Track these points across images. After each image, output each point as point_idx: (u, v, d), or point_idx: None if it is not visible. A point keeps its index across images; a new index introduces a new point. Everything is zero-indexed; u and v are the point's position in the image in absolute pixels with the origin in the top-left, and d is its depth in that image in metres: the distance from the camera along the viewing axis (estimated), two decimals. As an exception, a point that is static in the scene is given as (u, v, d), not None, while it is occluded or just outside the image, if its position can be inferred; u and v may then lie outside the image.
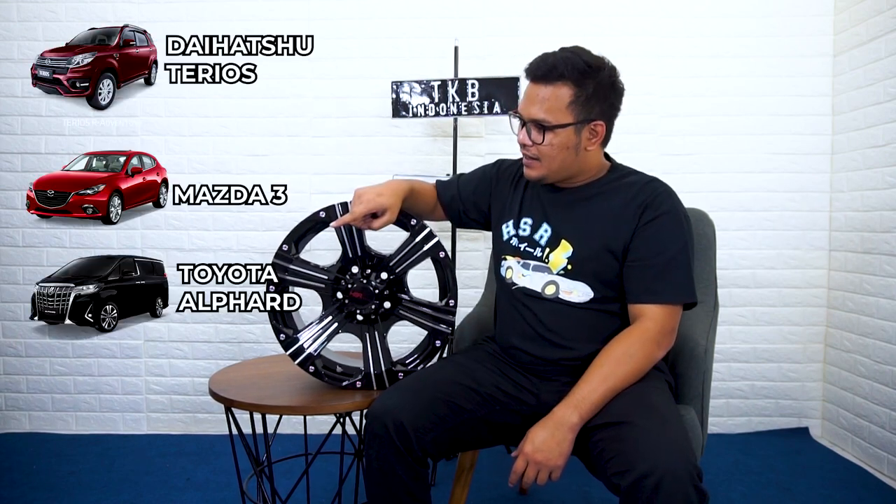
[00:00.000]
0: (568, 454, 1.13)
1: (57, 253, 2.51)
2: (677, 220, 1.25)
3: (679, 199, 1.29)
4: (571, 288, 1.28)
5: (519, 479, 1.15)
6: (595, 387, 1.14)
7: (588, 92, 1.24)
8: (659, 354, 1.21)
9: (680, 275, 1.22)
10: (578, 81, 1.23)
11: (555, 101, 1.23)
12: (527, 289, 1.32)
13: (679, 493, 0.95)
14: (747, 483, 2.05)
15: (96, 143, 2.49)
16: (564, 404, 1.14)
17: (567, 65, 1.22)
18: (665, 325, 1.20)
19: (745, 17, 2.44)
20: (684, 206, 1.30)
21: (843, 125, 2.39)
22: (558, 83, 1.23)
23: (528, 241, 1.34)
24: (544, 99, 1.24)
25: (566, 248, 1.29)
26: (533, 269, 1.32)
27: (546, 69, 1.23)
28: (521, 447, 1.14)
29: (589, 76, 1.24)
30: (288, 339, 1.40)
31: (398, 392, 1.24)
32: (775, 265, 2.48)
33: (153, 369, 2.54)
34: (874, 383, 2.20)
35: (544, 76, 1.24)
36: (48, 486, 2.02)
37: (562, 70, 1.22)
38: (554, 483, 1.16)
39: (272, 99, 2.48)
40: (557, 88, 1.23)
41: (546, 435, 1.12)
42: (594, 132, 1.28)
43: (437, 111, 2.21)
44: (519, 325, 1.34)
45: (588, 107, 1.25)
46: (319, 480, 2.02)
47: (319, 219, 1.39)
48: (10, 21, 2.47)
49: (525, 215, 1.37)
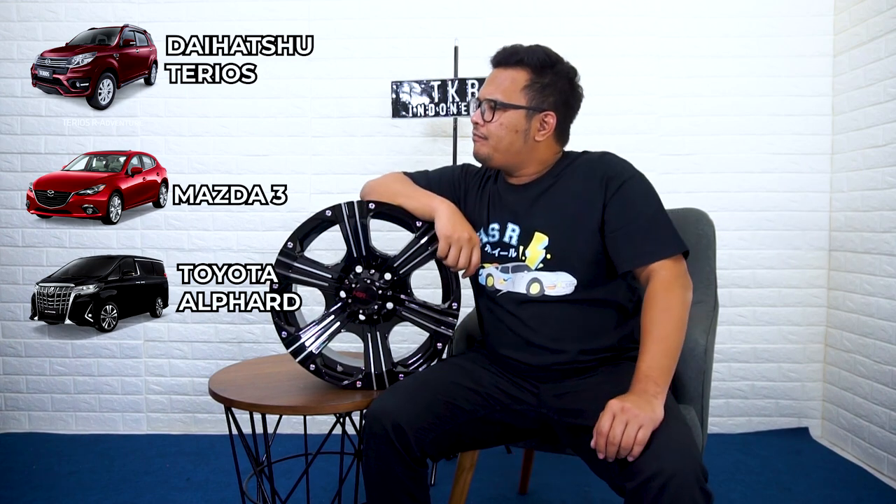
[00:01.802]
0: (660, 416, 1.03)
1: (57, 253, 2.51)
2: (643, 182, 1.27)
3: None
4: (554, 281, 1.27)
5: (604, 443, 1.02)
6: (654, 353, 1.11)
7: (544, 81, 1.29)
8: (689, 296, 1.19)
9: (667, 230, 1.22)
10: (536, 69, 1.29)
11: (510, 83, 1.29)
12: (512, 293, 1.31)
13: (685, 495, 0.95)
14: (747, 483, 2.05)
15: (96, 143, 2.49)
16: (635, 383, 1.08)
17: (527, 52, 1.29)
18: (675, 272, 1.19)
19: (745, 17, 2.44)
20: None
21: (843, 125, 2.39)
22: (517, 67, 1.30)
23: (500, 245, 1.34)
24: (501, 81, 1.30)
25: (541, 240, 1.29)
26: (512, 270, 1.32)
27: (507, 55, 1.31)
28: (605, 409, 1.04)
29: (547, 66, 1.29)
30: (290, 337, 1.40)
31: (397, 393, 1.24)
32: (775, 265, 2.48)
33: (153, 369, 2.54)
34: (874, 383, 2.20)
35: (504, 60, 1.31)
36: (48, 486, 2.02)
37: (522, 56, 1.29)
38: (554, 483, 1.16)
39: (272, 99, 2.48)
40: (515, 72, 1.30)
41: (633, 398, 1.04)
42: (545, 123, 1.30)
43: (437, 111, 2.21)
44: (506, 335, 1.33)
45: (542, 96, 1.29)
46: (319, 480, 2.02)
47: (325, 217, 1.39)
48: (10, 21, 2.47)
49: (492, 221, 1.37)
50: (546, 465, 2.16)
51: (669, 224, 1.23)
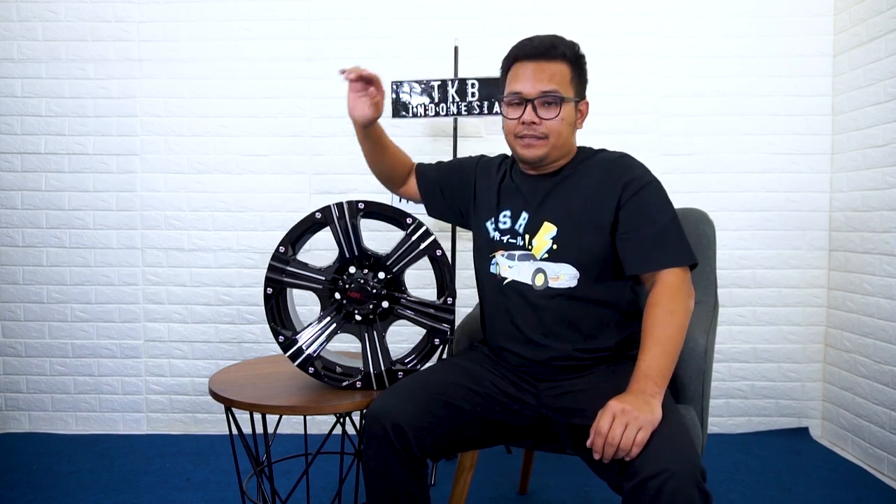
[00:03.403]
0: (658, 417, 1.03)
1: (57, 253, 2.51)
2: (659, 189, 1.28)
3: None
4: (557, 272, 1.28)
5: (602, 444, 1.02)
6: (655, 353, 1.12)
7: (580, 72, 1.31)
8: (691, 304, 1.20)
9: (679, 240, 1.23)
10: (573, 61, 1.29)
11: (561, 76, 1.27)
12: (517, 281, 1.32)
13: (683, 495, 0.95)
14: (747, 483, 2.05)
15: (96, 143, 2.49)
16: (634, 382, 1.09)
17: (564, 45, 1.28)
18: (682, 279, 1.21)
19: (745, 17, 2.44)
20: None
21: (843, 125, 2.39)
22: (560, 60, 1.28)
23: (509, 232, 1.35)
24: (553, 73, 1.27)
25: (549, 230, 1.29)
26: (518, 258, 1.32)
27: (546, 47, 1.27)
28: (604, 409, 1.04)
29: (580, 58, 1.31)
30: (287, 341, 1.40)
31: (396, 393, 1.24)
32: (775, 265, 2.48)
33: (153, 369, 2.54)
34: (874, 383, 2.20)
35: (546, 53, 1.27)
36: (48, 486, 2.02)
37: (562, 49, 1.28)
38: (554, 483, 1.16)
39: (272, 99, 2.48)
40: (560, 65, 1.28)
41: (632, 398, 1.05)
42: (581, 112, 1.34)
43: (437, 111, 2.21)
44: (507, 327, 1.34)
45: (581, 85, 1.32)
46: (319, 480, 2.02)
47: (316, 220, 1.39)
48: (10, 21, 2.47)
49: (503, 208, 1.38)
50: (546, 465, 2.16)
51: (682, 234, 1.24)
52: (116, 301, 2.52)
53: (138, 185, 2.50)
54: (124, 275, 2.52)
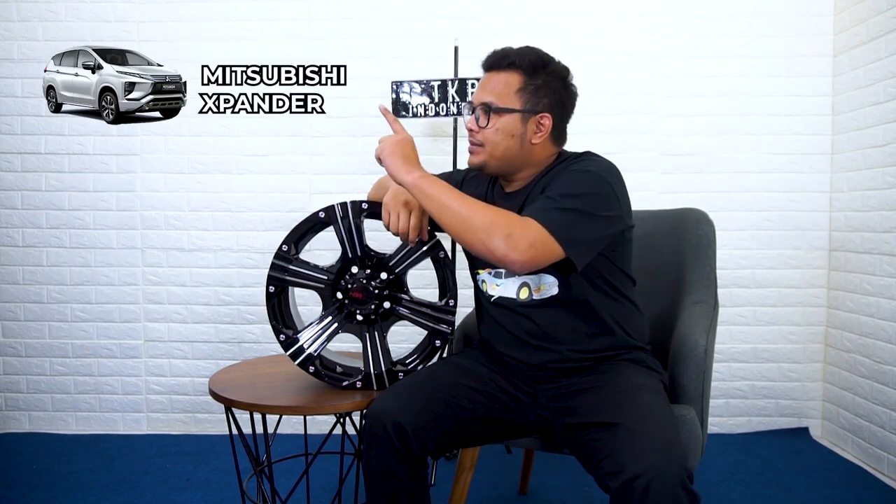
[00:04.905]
0: (402, 170, 1.21)
1: (57, 253, 2.51)
2: (595, 182, 1.18)
3: (610, 173, 1.22)
4: (538, 283, 1.28)
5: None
6: (437, 186, 1.18)
7: (537, 83, 1.26)
8: (495, 245, 1.10)
9: (563, 212, 1.14)
10: (528, 71, 1.26)
11: (504, 86, 1.26)
12: (504, 297, 1.32)
13: (669, 496, 0.95)
14: (747, 483, 2.05)
15: (96, 143, 2.49)
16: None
17: (518, 55, 1.27)
18: (528, 233, 1.11)
19: (745, 17, 2.44)
20: (613, 180, 1.21)
21: (843, 125, 2.39)
22: (509, 70, 1.27)
23: None
24: (495, 84, 1.27)
25: None
26: (505, 275, 1.32)
27: (498, 58, 1.28)
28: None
29: (539, 67, 1.27)
30: (288, 340, 1.40)
31: (396, 392, 1.24)
32: (775, 265, 2.48)
33: (153, 369, 2.54)
34: (874, 383, 2.20)
35: (496, 63, 1.28)
36: (48, 486, 2.02)
37: (513, 59, 1.26)
38: (554, 483, 1.16)
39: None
40: (508, 75, 1.27)
41: (396, 140, 1.25)
42: (541, 125, 1.28)
43: (437, 111, 2.21)
44: (502, 334, 1.34)
45: (536, 97, 1.26)
46: (319, 480, 2.02)
47: (319, 219, 1.39)
48: (10, 21, 2.47)
49: None
50: (546, 465, 2.16)
51: (573, 216, 1.13)
52: (116, 301, 2.52)
53: (138, 185, 2.50)
54: (124, 275, 2.52)
